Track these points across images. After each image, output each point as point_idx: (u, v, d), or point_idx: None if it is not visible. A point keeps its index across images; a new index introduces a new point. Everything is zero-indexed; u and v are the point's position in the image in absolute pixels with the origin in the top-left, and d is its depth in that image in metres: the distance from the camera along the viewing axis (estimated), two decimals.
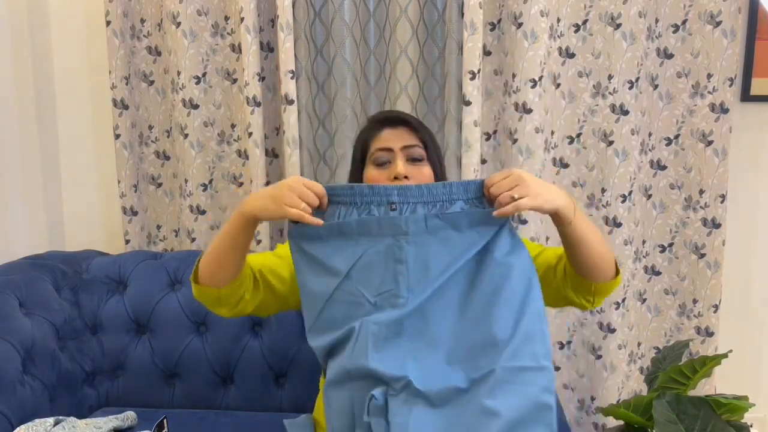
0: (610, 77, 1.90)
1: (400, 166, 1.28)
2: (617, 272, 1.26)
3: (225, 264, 1.21)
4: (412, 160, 1.30)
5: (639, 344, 2.07)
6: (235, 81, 1.98)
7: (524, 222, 1.90)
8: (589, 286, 1.25)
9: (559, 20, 1.89)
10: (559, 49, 1.92)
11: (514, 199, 1.07)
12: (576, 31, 1.92)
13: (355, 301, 1.14)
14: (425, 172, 1.30)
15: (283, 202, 1.10)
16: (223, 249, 1.20)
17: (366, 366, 1.09)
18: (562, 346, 2.05)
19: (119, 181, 2.05)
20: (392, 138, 1.31)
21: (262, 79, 1.91)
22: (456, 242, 1.13)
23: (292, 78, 1.85)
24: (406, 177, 1.26)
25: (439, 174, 1.33)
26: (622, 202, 1.95)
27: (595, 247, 1.18)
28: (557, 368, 2.06)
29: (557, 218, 1.14)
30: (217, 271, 1.22)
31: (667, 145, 1.98)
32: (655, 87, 1.95)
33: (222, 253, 1.21)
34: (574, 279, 1.25)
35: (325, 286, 1.16)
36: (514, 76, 1.86)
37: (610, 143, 1.93)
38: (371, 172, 1.31)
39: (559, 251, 1.29)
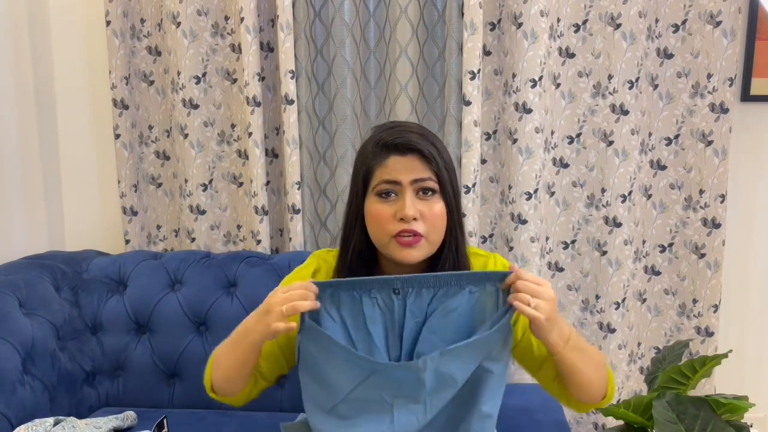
0: (610, 77, 1.90)
1: (408, 206, 1.11)
2: (606, 395, 1.21)
3: (241, 379, 1.22)
4: (423, 192, 1.14)
5: (639, 344, 2.07)
6: (235, 81, 1.98)
7: (524, 222, 1.90)
8: (570, 397, 1.21)
9: (559, 20, 1.89)
10: (559, 49, 1.92)
11: (528, 305, 1.03)
12: (576, 31, 1.92)
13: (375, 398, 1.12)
14: (436, 209, 1.14)
15: (268, 329, 1.07)
16: (238, 370, 1.20)
17: None
18: None
19: (119, 181, 2.05)
20: (401, 169, 1.13)
21: (262, 79, 1.91)
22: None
23: (292, 78, 1.85)
24: (414, 219, 1.12)
25: (453, 209, 1.16)
26: (622, 202, 1.95)
27: (583, 377, 1.14)
28: None
29: (546, 344, 1.10)
30: (235, 386, 1.23)
31: (667, 145, 1.98)
32: (655, 87, 1.95)
33: (236, 374, 1.21)
34: (560, 384, 1.21)
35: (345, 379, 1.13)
36: (514, 76, 1.86)
37: (610, 143, 1.93)
38: (375, 206, 1.14)
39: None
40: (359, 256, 1.20)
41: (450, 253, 1.18)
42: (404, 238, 1.12)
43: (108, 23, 1.96)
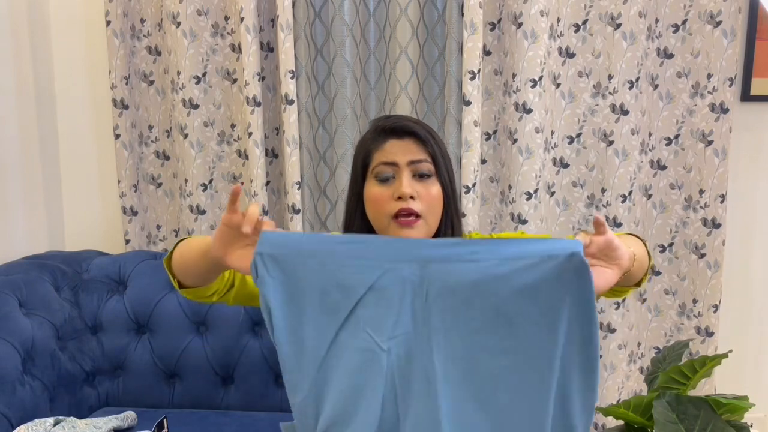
0: (610, 77, 1.90)
1: (405, 184, 1.13)
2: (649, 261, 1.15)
3: (205, 281, 1.15)
4: (419, 175, 1.16)
5: (639, 344, 2.07)
6: (235, 81, 1.98)
7: (524, 222, 1.90)
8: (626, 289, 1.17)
9: (559, 20, 1.89)
10: (559, 49, 1.92)
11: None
12: (576, 31, 1.92)
13: (367, 348, 0.94)
14: (433, 191, 1.16)
15: (224, 242, 0.97)
16: (203, 275, 1.11)
17: None
18: None
19: (119, 181, 2.05)
20: (398, 151, 1.16)
21: (262, 79, 1.91)
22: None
23: (292, 78, 1.85)
24: (411, 197, 1.13)
25: (449, 192, 1.19)
26: (622, 202, 1.95)
27: (637, 271, 1.08)
28: None
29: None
30: (197, 283, 1.15)
31: (667, 145, 1.98)
32: (655, 87, 1.95)
33: (201, 277, 1.13)
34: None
35: (319, 331, 0.94)
36: (514, 76, 1.86)
37: (610, 143, 1.93)
38: (373, 189, 1.17)
39: None
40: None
41: (447, 236, 1.19)
42: (403, 218, 1.14)
43: (108, 23, 1.96)
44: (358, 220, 1.21)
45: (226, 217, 0.97)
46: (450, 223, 1.20)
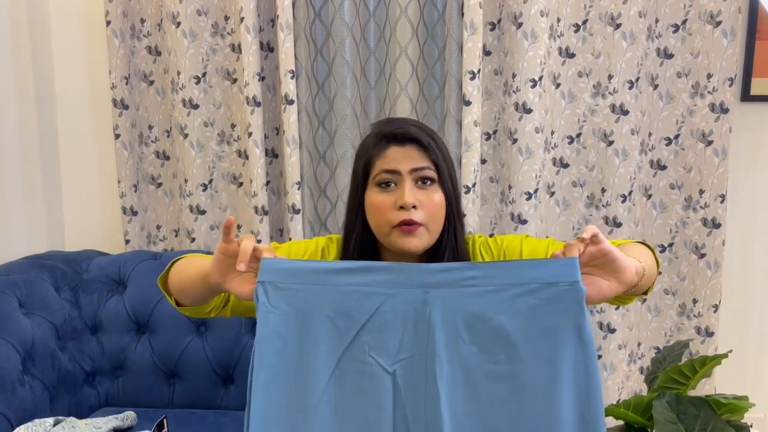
0: (610, 77, 1.90)
1: (408, 194, 1.11)
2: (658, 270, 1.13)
3: (201, 301, 1.14)
4: (422, 182, 1.14)
5: (639, 344, 2.07)
6: (235, 81, 1.98)
7: (524, 222, 1.90)
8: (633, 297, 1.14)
9: (559, 20, 1.89)
10: (559, 49, 1.92)
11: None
12: (576, 31, 1.92)
13: (372, 373, 0.93)
14: (435, 198, 1.14)
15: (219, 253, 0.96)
16: (201, 297, 1.11)
17: None
18: None
19: (119, 181, 2.05)
20: (400, 158, 1.14)
21: (262, 79, 1.91)
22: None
23: (292, 78, 1.85)
24: (413, 207, 1.11)
25: (452, 198, 1.17)
26: (622, 202, 1.95)
27: (645, 283, 1.05)
28: None
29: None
30: (193, 303, 1.15)
31: (667, 145, 1.98)
32: (655, 87, 1.95)
33: (198, 298, 1.12)
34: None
35: (322, 357, 0.93)
36: (514, 76, 1.86)
37: (610, 143, 1.93)
38: (375, 197, 1.15)
39: None
40: (360, 249, 1.20)
41: (449, 243, 1.18)
42: (405, 226, 1.12)
43: (108, 23, 1.96)
44: (359, 227, 1.20)
45: (223, 246, 0.96)
46: (453, 229, 1.18)
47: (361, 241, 1.20)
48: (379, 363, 0.94)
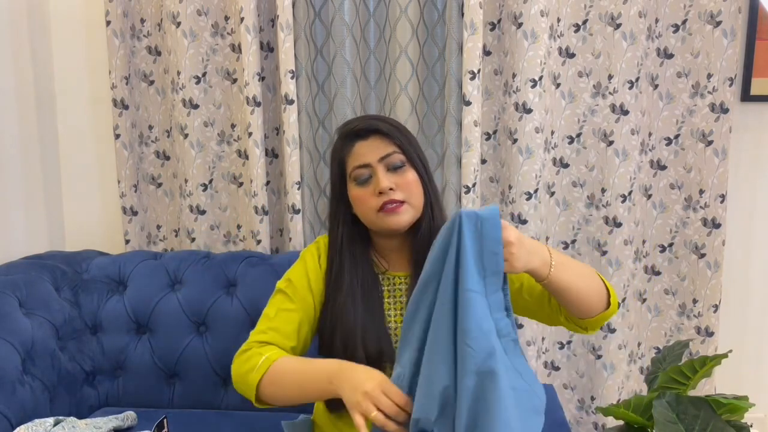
0: (610, 77, 1.90)
1: (382, 179, 1.22)
2: (610, 304, 1.22)
3: (294, 404, 1.22)
4: (393, 168, 1.24)
5: (639, 344, 2.07)
6: (235, 81, 1.98)
7: (524, 222, 1.90)
8: (579, 320, 1.23)
9: (559, 20, 1.89)
10: (559, 49, 1.92)
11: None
12: (576, 31, 1.92)
13: None
14: (409, 177, 1.24)
15: (356, 409, 1.04)
16: (297, 400, 1.20)
17: None
18: (562, 346, 2.05)
19: (119, 181, 2.05)
20: (367, 151, 1.24)
21: (262, 79, 1.91)
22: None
23: (292, 78, 1.85)
24: (391, 189, 1.22)
25: (424, 175, 1.27)
26: (622, 202, 1.95)
27: (579, 292, 1.15)
28: (557, 368, 2.06)
29: (532, 274, 1.11)
30: (284, 405, 1.23)
31: (667, 145, 1.98)
32: (655, 87, 1.95)
33: (294, 401, 1.21)
34: (565, 311, 1.23)
35: None
36: (514, 76, 1.86)
37: (610, 143, 1.93)
38: (355, 192, 1.26)
39: None
40: (349, 236, 1.30)
41: (427, 219, 1.27)
42: (388, 206, 1.22)
43: (108, 23, 1.96)
44: (342, 217, 1.30)
45: (396, 395, 1.03)
46: (429, 206, 1.28)
47: (350, 233, 1.30)
48: None
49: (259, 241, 1.95)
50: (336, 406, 1.25)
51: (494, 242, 1.00)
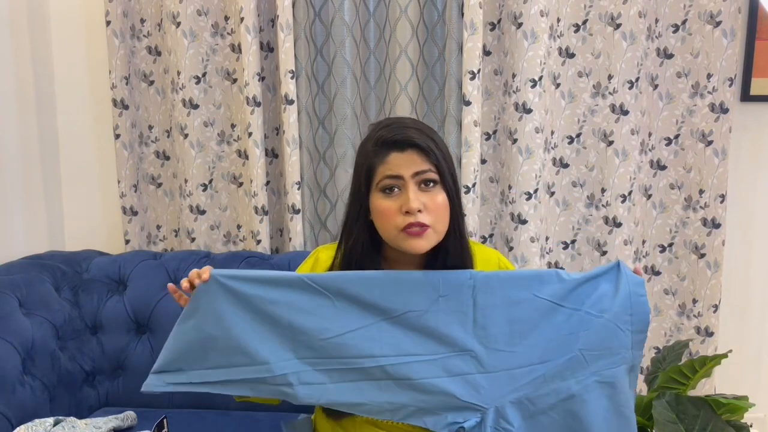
0: (610, 77, 1.90)
1: (413, 199, 1.15)
2: None
3: None
4: (424, 184, 1.18)
5: None
6: (235, 81, 1.98)
7: (524, 222, 1.90)
8: None
9: (559, 20, 1.89)
10: (559, 49, 1.92)
11: None
12: (576, 31, 1.92)
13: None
14: (439, 200, 1.18)
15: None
16: None
17: None
18: None
19: (119, 181, 2.05)
20: (402, 164, 1.17)
21: (262, 79, 1.91)
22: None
23: (292, 78, 1.85)
24: (419, 211, 1.15)
25: (454, 197, 1.21)
26: (622, 202, 1.95)
27: None
28: None
29: None
30: None
31: (667, 145, 1.98)
32: (655, 87, 1.95)
33: None
34: None
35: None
36: (514, 76, 1.86)
37: (610, 143, 1.93)
38: (380, 203, 1.18)
39: None
40: (362, 248, 1.23)
41: (454, 241, 1.22)
42: (412, 229, 1.16)
43: (108, 23, 1.96)
44: (360, 227, 1.22)
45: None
46: (457, 228, 1.22)
47: (363, 245, 1.23)
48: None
49: (259, 241, 1.95)
50: (336, 414, 1.24)
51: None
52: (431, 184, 1.17)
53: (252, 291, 1.15)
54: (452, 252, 1.21)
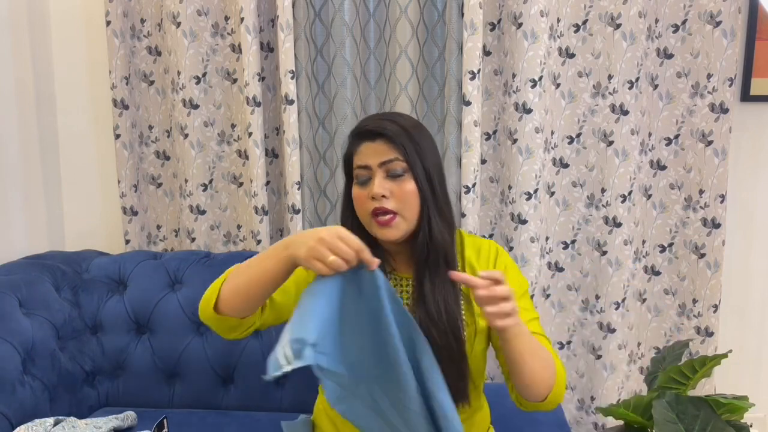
0: (610, 77, 1.90)
1: (377, 185, 1.19)
2: (546, 399, 1.20)
3: (256, 298, 1.18)
4: (393, 176, 1.20)
5: (639, 344, 2.07)
6: (235, 81, 1.98)
7: (524, 222, 1.90)
8: (517, 395, 1.23)
9: (559, 20, 1.89)
10: (559, 49, 1.92)
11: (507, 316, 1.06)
12: (576, 31, 1.92)
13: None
14: (407, 187, 1.20)
15: (312, 255, 1.05)
16: (260, 285, 1.15)
17: None
18: (562, 346, 2.05)
19: (119, 181, 2.05)
20: (370, 154, 1.21)
21: (262, 79, 1.91)
22: None
23: (292, 78, 1.85)
24: (384, 196, 1.19)
25: (425, 188, 1.21)
26: (622, 202, 1.95)
27: (527, 370, 1.15)
28: None
29: (500, 333, 1.10)
30: (245, 305, 1.19)
31: (667, 145, 1.98)
32: (655, 87, 1.95)
33: (256, 289, 1.16)
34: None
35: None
36: (514, 76, 1.86)
37: (610, 143, 1.93)
38: (355, 191, 1.24)
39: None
40: (361, 229, 1.26)
41: (423, 232, 1.22)
42: (380, 218, 1.20)
43: (108, 23, 1.96)
44: (350, 219, 1.28)
45: (351, 240, 1.05)
46: (427, 219, 1.22)
47: (355, 233, 1.24)
48: None
49: (259, 241, 1.95)
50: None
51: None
52: (399, 175, 1.20)
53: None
54: (434, 237, 1.21)
